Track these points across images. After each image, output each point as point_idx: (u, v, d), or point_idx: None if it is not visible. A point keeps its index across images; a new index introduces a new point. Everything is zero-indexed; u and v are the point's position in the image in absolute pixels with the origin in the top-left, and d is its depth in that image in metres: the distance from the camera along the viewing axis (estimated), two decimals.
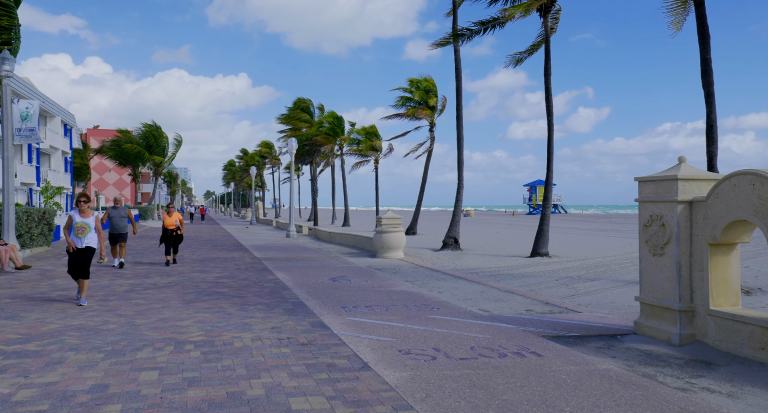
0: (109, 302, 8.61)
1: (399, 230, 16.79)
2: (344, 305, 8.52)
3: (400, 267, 14.13)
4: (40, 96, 38.42)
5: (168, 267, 13.43)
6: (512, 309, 8.40)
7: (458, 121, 20.27)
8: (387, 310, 8.13)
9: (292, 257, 16.52)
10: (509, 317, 7.67)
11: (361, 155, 36.73)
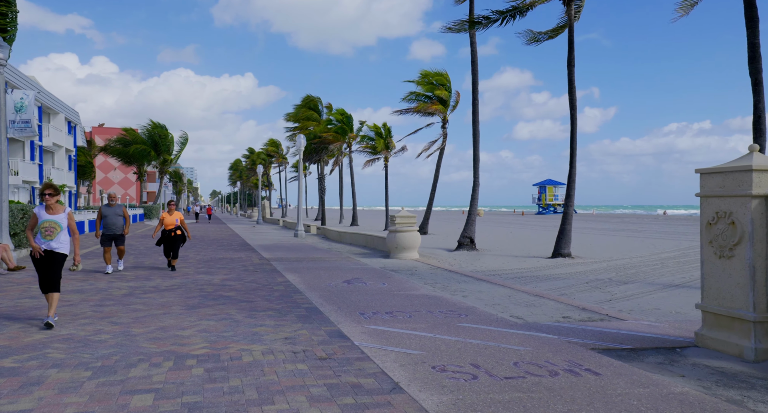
0: (105, 308, 7.86)
1: (414, 229, 16.00)
2: (362, 311, 7.75)
3: (417, 269, 13.35)
4: (41, 91, 37.87)
5: (170, 270, 12.38)
6: (547, 315, 7.60)
7: (474, 117, 19.46)
8: (410, 317, 7.34)
9: (301, 257, 15.76)
10: (547, 325, 6.87)
11: (371, 153, 35.95)
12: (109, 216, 12.03)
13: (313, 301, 8.50)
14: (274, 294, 9.22)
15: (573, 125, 15.51)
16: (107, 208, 12.10)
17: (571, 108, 15.53)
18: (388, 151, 34.81)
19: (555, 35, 16.32)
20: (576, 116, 15.47)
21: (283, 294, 9.22)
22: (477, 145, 19.50)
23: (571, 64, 15.43)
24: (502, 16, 15.42)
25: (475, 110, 19.45)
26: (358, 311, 7.75)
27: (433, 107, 25.37)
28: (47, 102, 39.05)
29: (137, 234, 27.94)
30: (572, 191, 15.80)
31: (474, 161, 19.52)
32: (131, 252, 17.07)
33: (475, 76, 19.35)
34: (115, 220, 12.05)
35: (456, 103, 26.41)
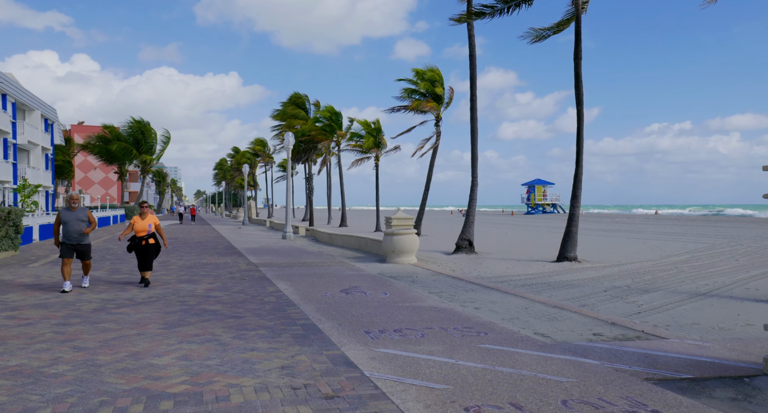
0: (69, 327, 6.80)
1: (411, 232, 15.07)
2: (367, 329, 6.79)
3: (417, 275, 12.42)
4: (16, 87, 36.28)
5: (143, 286, 10.16)
6: (576, 332, 6.71)
7: (472, 113, 18.58)
8: (423, 336, 6.41)
9: (292, 262, 14.75)
10: (581, 346, 5.98)
11: (362, 152, 34.95)
12: (70, 223, 9.55)
13: (309, 316, 7.53)
14: (265, 307, 8.23)
15: (580, 121, 14.69)
16: (67, 212, 9.59)
17: (578, 103, 14.71)
18: (379, 149, 33.84)
19: (561, 30, 15.49)
20: (583, 112, 14.66)
21: (276, 307, 8.22)
22: (475, 143, 18.64)
23: (578, 57, 14.60)
24: (507, 4, 14.56)
25: (473, 106, 18.58)
26: (362, 328, 6.80)
27: (428, 105, 24.47)
28: (22, 98, 37.47)
29: (116, 235, 26.64)
30: (579, 191, 14.98)
31: (472, 160, 18.65)
32: (108, 256, 15.91)
33: (473, 70, 18.48)
34: (77, 227, 9.55)
35: (450, 100, 25.56)
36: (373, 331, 6.67)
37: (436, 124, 26.48)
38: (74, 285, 10.06)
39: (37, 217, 21.76)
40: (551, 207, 75.95)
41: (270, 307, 8.20)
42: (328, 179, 47.29)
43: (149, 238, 10.41)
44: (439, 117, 26.17)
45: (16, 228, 15.64)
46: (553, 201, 75.01)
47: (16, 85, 36.50)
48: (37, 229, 21.56)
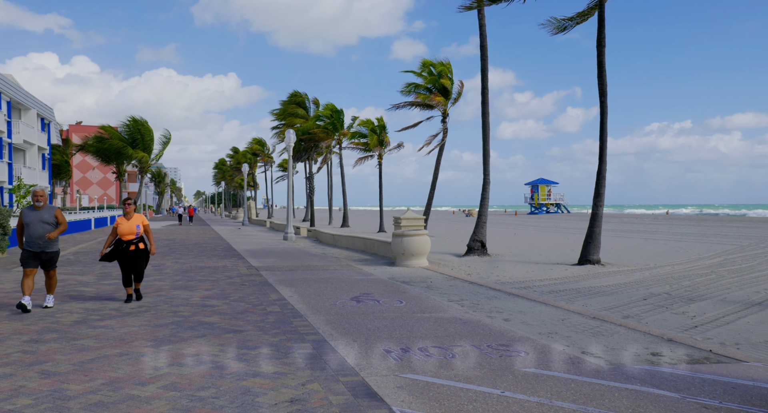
0: (41, 345, 5.86)
1: (423, 233, 14.14)
2: (388, 346, 5.85)
3: (431, 280, 11.48)
4: (11, 85, 35.35)
5: (133, 300, 8.53)
6: (630, 351, 5.77)
7: (483, 108, 17.65)
8: (454, 357, 5.47)
9: (295, 266, 13.81)
10: (646, 372, 5.05)
11: (364, 150, 34.00)
12: (33, 225, 7.66)
13: (319, 330, 6.59)
14: (269, 318, 7.29)
15: (603, 114, 13.74)
16: (30, 212, 7.75)
17: (601, 94, 13.76)
18: (383, 147, 32.90)
19: (583, 20, 14.49)
20: (606, 104, 13.71)
21: (280, 318, 7.29)
22: (487, 139, 17.70)
23: (601, 44, 13.65)
24: None
25: (484, 100, 17.65)
26: (381, 346, 5.87)
27: (436, 99, 23.52)
28: (18, 97, 36.55)
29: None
30: (602, 189, 14.03)
31: (484, 157, 17.72)
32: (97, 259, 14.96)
33: (484, 62, 17.55)
34: (41, 230, 7.66)
35: (458, 95, 24.61)
36: (394, 350, 5.74)
37: (442, 120, 25.55)
38: (35, 304, 8.08)
39: None
40: (555, 207, 74.96)
41: (274, 319, 7.26)
42: (329, 179, 46.38)
43: (138, 242, 8.54)
44: (446, 113, 25.24)
45: (3, 230, 14.71)
46: (557, 200, 74.03)
47: (11, 84, 35.59)
48: None
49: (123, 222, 8.56)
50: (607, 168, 13.76)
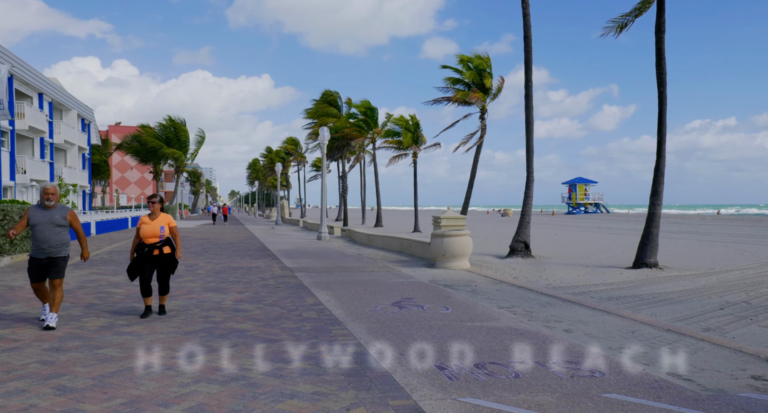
0: (62, 354, 5.40)
1: (464, 234, 13.38)
2: (440, 362, 5.18)
3: (476, 284, 10.74)
4: (53, 87, 36.04)
5: (156, 313, 7.34)
6: (724, 373, 4.95)
7: (527, 101, 16.77)
8: (518, 377, 4.76)
9: (330, 267, 13.25)
10: (751, 401, 4.23)
11: (398, 149, 33.32)
12: (40, 226, 6.43)
13: (360, 341, 5.97)
14: (305, 326, 6.70)
15: (662, 105, 12.71)
16: (39, 212, 6.51)
17: (660, 84, 12.73)
18: (418, 146, 32.14)
19: (642, 11, 13.39)
20: (666, 94, 12.68)
21: (318, 326, 6.69)
22: (530, 135, 16.81)
23: (660, 30, 12.62)
24: None
25: (528, 93, 16.76)
26: (432, 361, 5.20)
27: (475, 96, 22.67)
28: (58, 98, 37.27)
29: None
30: (660, 186, 12.99)
31: (527, 153, 16.84)
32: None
33: (528, 53, 16.66)
34: (50, 233, 6.44)
35: (498, 91, 23.70)
36: (447, 366, 5.06)
37: (481, 117, 24.70)
38: (37, 320, 6.88)
39: None
40: (594, 206, 72.74)
41: (311, 327, 6.67)
42: (362, 178, 45.94)
43: (163, 246, 7.24)
44: (484, 109, 24.36)
45: None
46: (596, 200, 71.82)
47: (52, 85, 36.30)
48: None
49: (146, 223, 7.26)
50: (661, 165, 12.71)
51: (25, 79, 31.05)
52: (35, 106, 32.93)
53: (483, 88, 23.43)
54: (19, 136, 31.98)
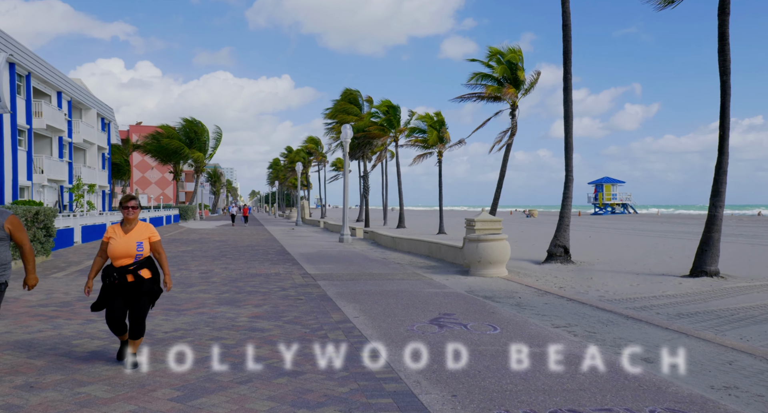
0: (34, 394, 4.41)
1: (502, 238, 12.23)
2: (503, 406, 4.07)
3: (519, 295, 9.59)
4: (72, 85, 35.68)
5: (129, 367, 4.98)
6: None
7: (566, 94, 15.53)
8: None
9: (355, 274, 12.20)
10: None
11: (423, 147, 32.16)
12: None
13: (401, 375, 4.90)
14: (333, 352, 5.64)
15: (725, 97, 11.37)
16: None
17: (723, 73, 11.39)
18: (443, 144, 30.96)
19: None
20: (729, 84, 11.35)
21: (348, 353, 5.63)
22: (570, 130, 15.56)
23: (724, 12, 11.28)
24: None
25: (567, 86, 15.51)
26: (493, 405, 4.09)
27: (508, 91, 21.41)
28: (77, 96, 36.93)
29: (164, 237, 25.07)
30: (722, 186, 11.66)
31: (566, 150, 15.60)
32: None
33: (566, 43, 15.42)
34: None
35: (530, 86, 22.40)
36: (510, 409, 3.95)
37: (511, 114, 23.43)
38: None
39: (79, 218, 20.25)
40: (621, 207, 70.62)
41: (339, 353, 5.61)
42: (383, 177, 44.92)
43: (139, 269, 4.98)
44: (515, 106, 23.09)
45: (47, 231, 13.84)
46: (624, 200, 69.69)
47: (71, 83, 35.96)
48: (79, 231, 20.05)
49: (117, 237, 4.96)
50: (723, 163, 11.38)
51: (43, 76, 30.64)
52: (54, 105, 32.55)
53: (515, 83, 22.17)
54: (37, 135, 31.61)
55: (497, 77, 22.39)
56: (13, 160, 27.02)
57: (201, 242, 22.26)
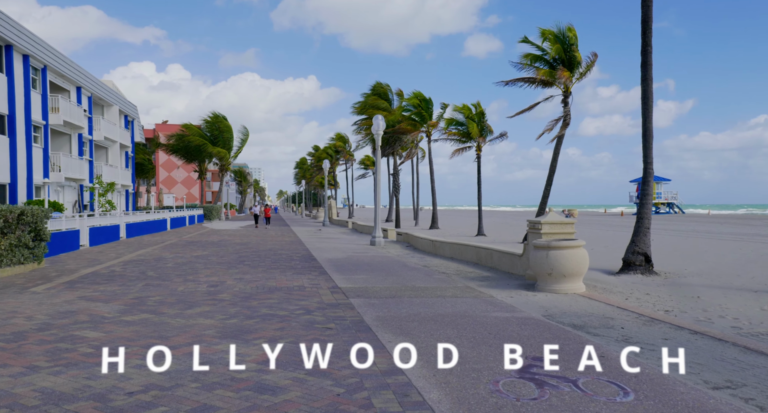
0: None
1: (578, 245, 9.81)
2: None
3: (620, 324, 7.19)
4: (88, 77, 34.33)
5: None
6: None
7: (644, 70, 12.98)
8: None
9: (396, 288, 9.94)
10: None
11: (460, 141, 29.73)
12: None
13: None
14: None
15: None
16: None
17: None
18: (483, 137, 28.45)
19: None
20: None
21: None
22: (649, 112, 13.01)
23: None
24: None
25: (646, 61, 12.96)
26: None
27: (563, 74, 18.88)
28: (99, 92, 35.64)
29: (182, 239, 23.28)
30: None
31: (645, 137, 13.05)
32: (151, 271, 11.83)
33: (647, 7, 12.86)
34: None
35: (587, 69, 19.80)
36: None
37: (563, 101, 20.85)
38: None
39: (86, 219, 18.49)
40: (666, 206, 66.65)
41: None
42: (414, 175, 42.60)
43: None
44: (568, 91, 20.51)
45: (37, 234, 11.98)
46: (669, 199, 65.73)
47: (92, 79, 34.66)
48: (86, 233, 18.30)
49: None
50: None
51: (61, 70, 29.29)
52: (72, 101, 31.22)
53: (569, 65, 19.61)
54: (54, 131, 30.30)
55: (549, 59, 19.83)
56: (28, 157, 25.64)
57: (220, 245, 20.33)
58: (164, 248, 18.94)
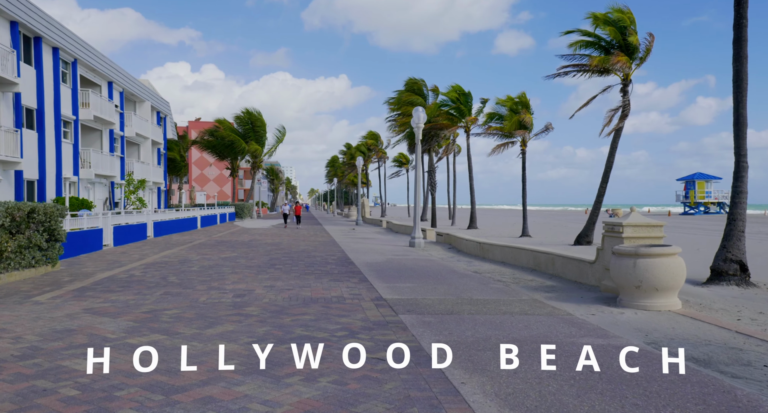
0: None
1: (673, 252, 8.11)
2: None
3: (753, 356, 5.55)
4: (120, 72, 33.79)
5: None
6: None
7: (737, 47, 11.13)
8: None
9: (450, 300, 8.43)
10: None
11: (503, 136, 27.95)
12: None
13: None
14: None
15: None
16: None
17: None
18: (528, 131, 26.63)
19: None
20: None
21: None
22: (743, 96, 11.15)
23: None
24: None
25: (740, 36, 11.11)
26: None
27: (619, 59, 17.03)
28: (130, 88, 35.12)
29: (212, 239, 22.26)
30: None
31: (737, 125, 11.19)
32: (170, 278, 10.64)
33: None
34: None
35: (646, 54, 17.86)
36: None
37: (622, 91, 18.94)
38: None
39: (110, 217, 17.55)
40: (716, 206, 63.07)
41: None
42: (451, 172, 40.95)
43: None
44: (628, 78, 18.59)
45: (51, 234, 10.91)
46: (719, 199, 62.18)
47: (123, 73, 34.15)
48: (110, 232, 17.34)
49: None
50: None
51: (92, 64, 28.71)
52: (104, 96, 30.67)
53: (627, 50, 17.70)
54: (85, 127, 29.77)
55: (605, 45, 17.94)
56: (57, 153, 25.04)
57: (250, 246, 19.18)
58: (191, 248, 17.87)
